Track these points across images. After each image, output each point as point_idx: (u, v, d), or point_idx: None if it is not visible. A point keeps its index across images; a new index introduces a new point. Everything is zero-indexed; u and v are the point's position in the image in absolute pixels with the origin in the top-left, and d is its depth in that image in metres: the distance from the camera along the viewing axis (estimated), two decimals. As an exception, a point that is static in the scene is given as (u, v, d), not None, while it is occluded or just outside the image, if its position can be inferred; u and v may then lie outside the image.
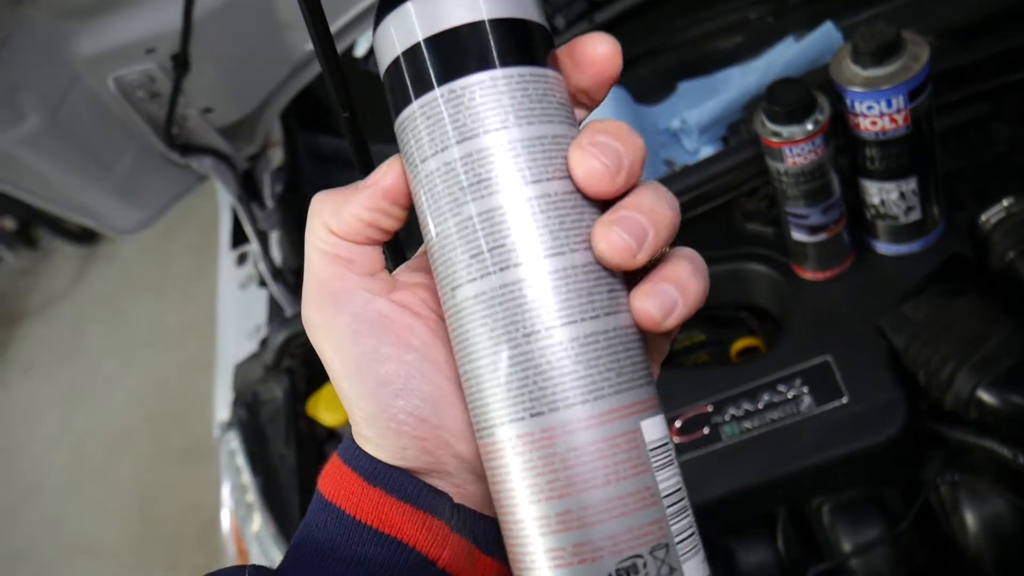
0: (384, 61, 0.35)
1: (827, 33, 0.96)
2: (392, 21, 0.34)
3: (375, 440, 0.38)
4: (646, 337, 0.36)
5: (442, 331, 0.39)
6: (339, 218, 0.38)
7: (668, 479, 0.33)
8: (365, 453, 0.39)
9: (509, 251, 0.32)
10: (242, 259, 1.37)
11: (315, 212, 0.39)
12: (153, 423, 3.15)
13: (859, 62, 0.80)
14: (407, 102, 0.34)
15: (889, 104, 0.79)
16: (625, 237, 0.33)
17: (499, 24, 0.33)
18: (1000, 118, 1.00)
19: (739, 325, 1.08)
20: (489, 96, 0.33)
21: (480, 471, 0.39)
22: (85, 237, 4.03)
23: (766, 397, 0.91)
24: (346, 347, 0.38)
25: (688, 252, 0.36)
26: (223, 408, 1.18)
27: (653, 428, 0.33)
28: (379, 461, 0.38)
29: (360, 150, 0.48)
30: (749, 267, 1.02)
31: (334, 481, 0.39)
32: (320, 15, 0.41)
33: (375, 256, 0.40)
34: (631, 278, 0.35)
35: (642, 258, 0.33)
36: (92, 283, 4.04)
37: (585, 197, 0.34)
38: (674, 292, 0.34)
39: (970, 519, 0.89)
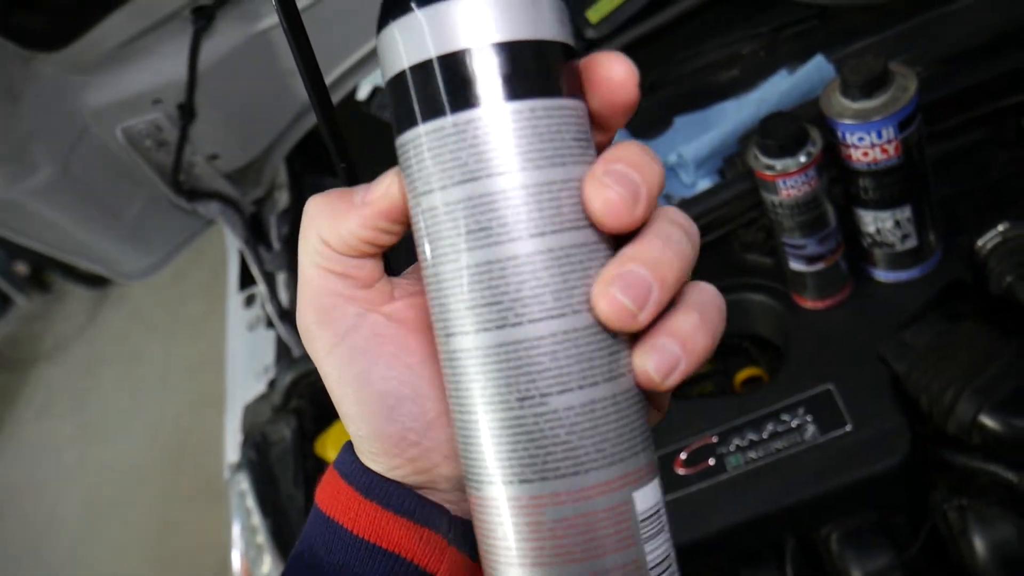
0: (389, 69, 0.32)
1: (818, 66, 0.98)
2: (399, 28, 0.31)
3: (371, 458, 0.38)
4: (647, 394, 0.33)
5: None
6: (335, 233, 0.37)
7: (656, 549, 0.32)
8: (362, 466, 0.38)
9: (506, 309, 0.30)
10: (250, 301, 1.39)
11: (310, 222, 0.37)
12: (167, 462, 3.16)
13: (848, 95, 0.81)
14: (412, 124, 0.32)
15: (879, 135, 0.80)
16: (626, 300, 0.30)
17: (512, 49, 0.30)
18: (996, 143, 1.01)
19: (742, 354, 1.08)
20: (495, 133, 0.30)
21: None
22: (97, 280, 4.08)
23: (770, 427, 0.92)
24: (340, 366, 0.37)
25: (701, 296, 0.34)
26: (233, 449, 1.19)
27: (645, 498, 0.32)
28: (375, 474, 0.38)
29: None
30: (750, 297, 1.03)
31: (330, 494, 0.39)
32: (316, 72, 0.42)
33: (372, 266, 0.38)
34: (636, 334, 0.32)
35: (644, 319, 0.31)
36: (104, 325, 4.07)
37: (597, 246, 0.32)
38: (677, 349, 0.32)
39: (978, 544, 0.89)
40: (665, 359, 0.32)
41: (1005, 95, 0.96)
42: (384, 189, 0.35)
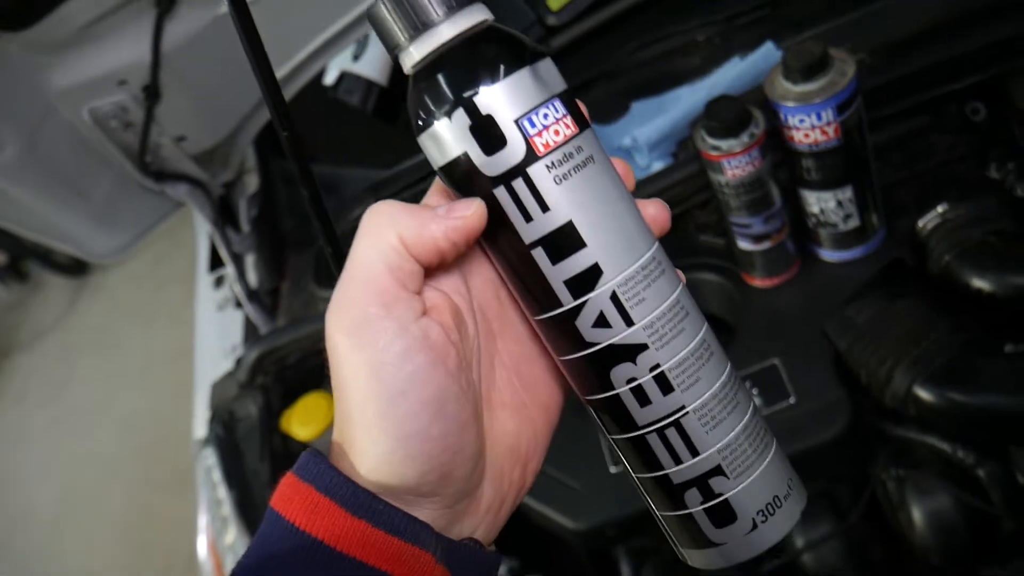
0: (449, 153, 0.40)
1: (767, 53, 1.01)
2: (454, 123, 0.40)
3: (398, 467, 0.38)
4: None
5: (461, 355, 0.41)
6: (418, 234, 0.39)
7: None
8: (345, 480, 0.38)
9: None
10: (219, 282, 1.41)
11: (391, 219, 0.39)
12: (143, 450, 3.16)
13: (790, 78, 0.84)
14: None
15: (819, 117, 0.84)
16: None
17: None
18: (938, 129, 1.04)
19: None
20: None
21: (469, 488, 0.41)
22: (75, 269, 4.06)
23: (718, 400, 0.95)
24: (388, 360, 0.38)
25: None
26: (201, 426, 1.21)
27: None
28: (360, 489, 0.38)
29: (303, 168, 0.52)
30: (702, 277, 1.06)
31: (305, 509, 0.38)
32: (255, 35, 0.44)
33: (422, 278, 0.40)
34: None
35: None
36: (82, 314, 4.06)
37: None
38: None
39: (916, 513, 0.93)
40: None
41: (947, 82, 0.99)
42: (477, 208, 0.40)
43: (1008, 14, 0.96)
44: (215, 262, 1.44)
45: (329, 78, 1.29)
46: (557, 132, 0.40)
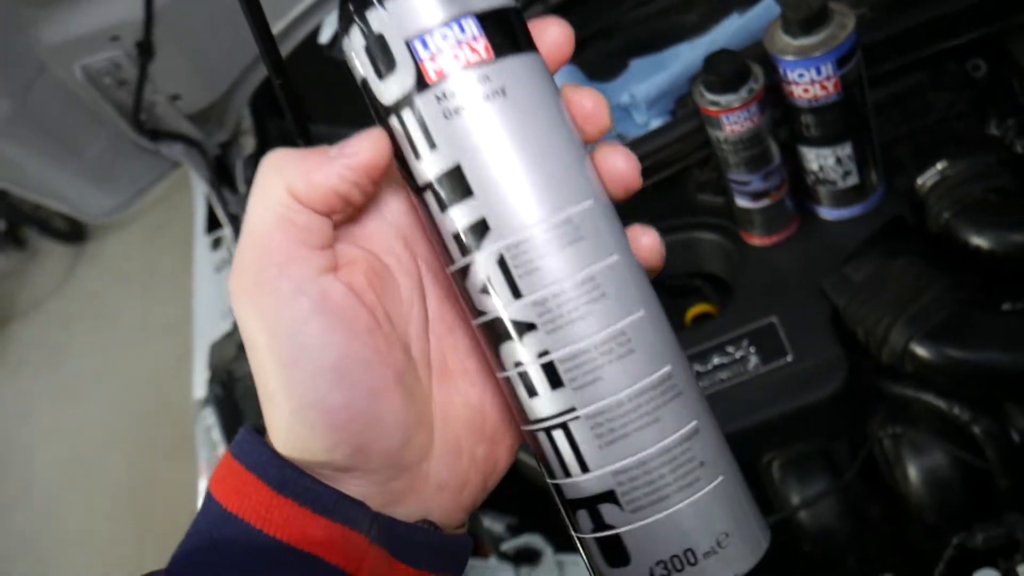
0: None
1: (767, 7, 1.00)
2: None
3: (304, 438, 0.35)
4: None
5: (380, 316, 0.37)
6: (307, 183, 0.35)
7: None
8: (272, 456, 0.35)
9: None
10: (217, 243, 1.40)
11: (276, 171, 0.36)
12: (143, 419, 3.18)
13: (789, 32, 0.83)
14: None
15: (819, 71, 0.83)
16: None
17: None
18: (938, 86, 1.03)
19: (694, 293, 1.11)
20: None
21: (404, 464, 0.37)
22: (73, 236, 4.05)
23: (715, 359, 0.95)
24: (283, 327, 0.35)
25: None
26: (200, 386, 1.21)
27: None
28: (288, 466, 0.35)
29: (299, 121, 0.51)
30: (701, 236, 1.06)
31: (234, 489, 0.35)
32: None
33: (329, 230, 0.36)
34: None
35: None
36: (81, 281, 4.06)
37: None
38: None
39: (912, 470, 0.93)
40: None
41: (947, 38, 0.98)
42: (368, 143, 0.35)
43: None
44: (212, 223, 1.43)
45: (324, 36, 1.28)
46: (457, 57, 0.34)
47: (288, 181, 0.35)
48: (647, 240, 0.38)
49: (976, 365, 0.85)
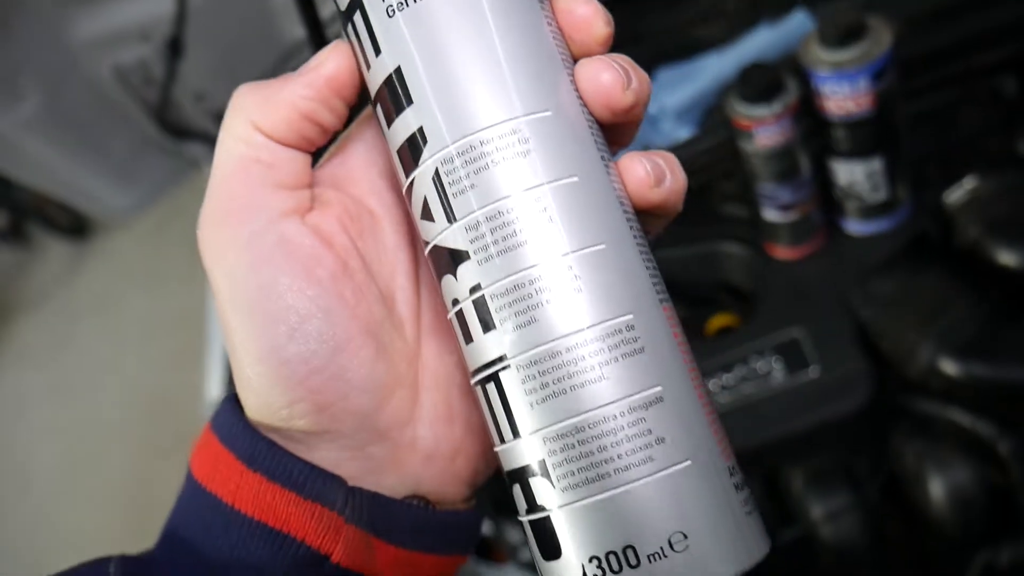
0: None
1: (800, 20, 1.00)
2: None
3: (263, 394, 0.33)
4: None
5: (354, 264, 0.34)
6: (267, 109, 0.33)
7: None
8: (244, 427, 0.33)
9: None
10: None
11: (236, 106, 0.33)
12: (145, 415, 3.17)
13: (824, 45, 0.83)
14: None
15: (853, 86, 0.83)
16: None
17: None
18: (967, 101, 1.03)
19: (716, 304, 1.11)
20: None
21: (381, 428, 0.34)
22: (77, 231, 4.05)
23: (739, 371, 0.95)
24: (239, 274, 0.32)
25: None
26: (215, 387, 1.21)
27: None
28: (260, 438, 0.33)
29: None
30: (724, 247, 1.06)
31: (208, 462, 0.34)
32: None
33: (301, 166, 0.34)
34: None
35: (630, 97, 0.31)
36: (85, 277, 4.05)
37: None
38: (662, 163, 0.33)
39: (934, 487, 0.93)
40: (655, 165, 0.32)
41: (979, 54, 0.98)
42: (328, 52, 0.33)
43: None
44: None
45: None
46: None
47: (249, 113, 0.33)
48: (638, 170, 0.32)
49: (1003, 383, 0.85)
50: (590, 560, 0.28)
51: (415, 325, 0.37)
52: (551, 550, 0.29)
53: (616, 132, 0.34)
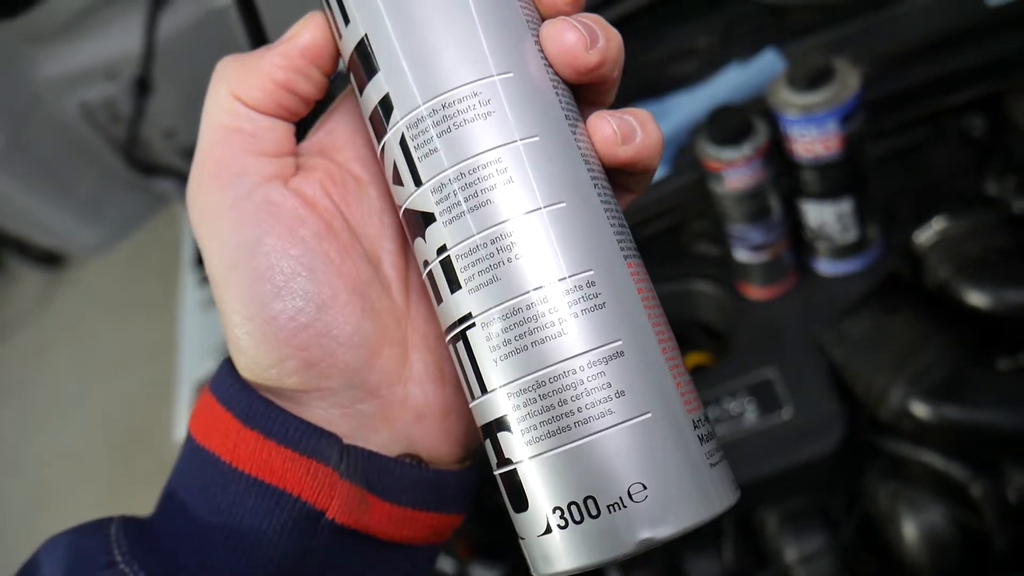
0: None
1: (769, 60, 1.00)
2: None
3: (251, 353, 0.34)
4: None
5: (338, 225, 0.35)
6: (246, 80, 0.34)
7: None
8: (241, 387, 0.34)
9: None
10: (205, 280, 1.39)
11: (218, 78, 0.35)
12: (118, 446, 3.13)
13: (792, 88, 0.84)
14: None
15: (822, 129, 0.83)
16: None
17: None
18: (936, 142, 1.04)
19: (689, 342, 1.11)
20: None
21: (370, 386, 0.35)
22: (51, 261, 4.01)
23: (712, 412, 0.94)
24: (224, 235, 0.34)
25: None
26: (183, 426, 1.19)
27: None
28: (257, 397, 0.34)
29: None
30: (696, 286, 1.06)
31: (206, 422, 0.35)
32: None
33: (283, 135, 0.35)
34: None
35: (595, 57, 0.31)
36: (57, 307, 4.00)
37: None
38: (634, 122, 0.33)
39: (908, 529, 0.92)
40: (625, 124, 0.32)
41: (947, 95, 0.99)
42: (303, 23, 0.34)
43: (1009, 29, 0.96)
44: (200, 259, 1.42)
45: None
46: None
47: (230, 84, 0.34)
48: (605, 129, 0.32)
49: (975, 425, 0.84)
50: (553, 510, 0.29)
51: (403, 286, 0.38)
52: (520, 502, 0.30)
53: (590, 92, 0.35)
